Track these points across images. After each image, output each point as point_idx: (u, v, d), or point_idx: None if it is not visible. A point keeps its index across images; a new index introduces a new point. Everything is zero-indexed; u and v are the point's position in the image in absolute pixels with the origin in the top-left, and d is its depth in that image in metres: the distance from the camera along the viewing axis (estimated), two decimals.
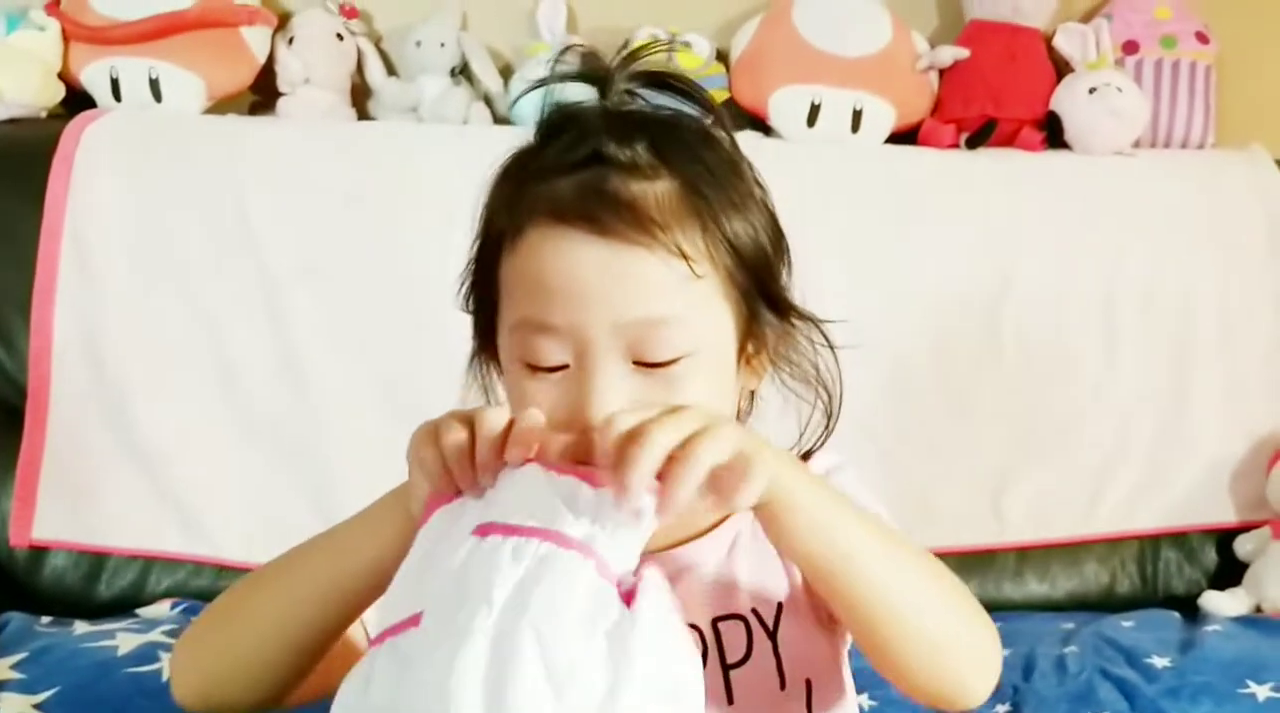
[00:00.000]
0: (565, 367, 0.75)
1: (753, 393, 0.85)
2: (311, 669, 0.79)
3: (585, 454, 0.70)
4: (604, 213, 0.73)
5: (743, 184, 0.80)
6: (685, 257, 0.74)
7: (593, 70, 0.81)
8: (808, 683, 0.82)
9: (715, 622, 0.81)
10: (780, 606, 0.82)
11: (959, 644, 0.76)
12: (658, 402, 0.71)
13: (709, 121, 0.82)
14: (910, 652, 0.74)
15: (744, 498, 0.67)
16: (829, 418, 0.86)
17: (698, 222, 0.75)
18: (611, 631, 0.62)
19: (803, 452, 0.87)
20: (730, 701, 0.80)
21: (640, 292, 0.73)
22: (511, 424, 0.69)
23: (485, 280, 0.80)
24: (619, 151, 0.75)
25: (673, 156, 0.76)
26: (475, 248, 0.81)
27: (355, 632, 0.82)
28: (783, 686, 0.81)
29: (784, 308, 0.81)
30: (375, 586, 0.74)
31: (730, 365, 0.79)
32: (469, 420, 0.70)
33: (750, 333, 0.80)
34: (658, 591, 0.65)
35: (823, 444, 0.86)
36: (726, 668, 0.80)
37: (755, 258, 0.78)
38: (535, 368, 0.75)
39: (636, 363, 0.74)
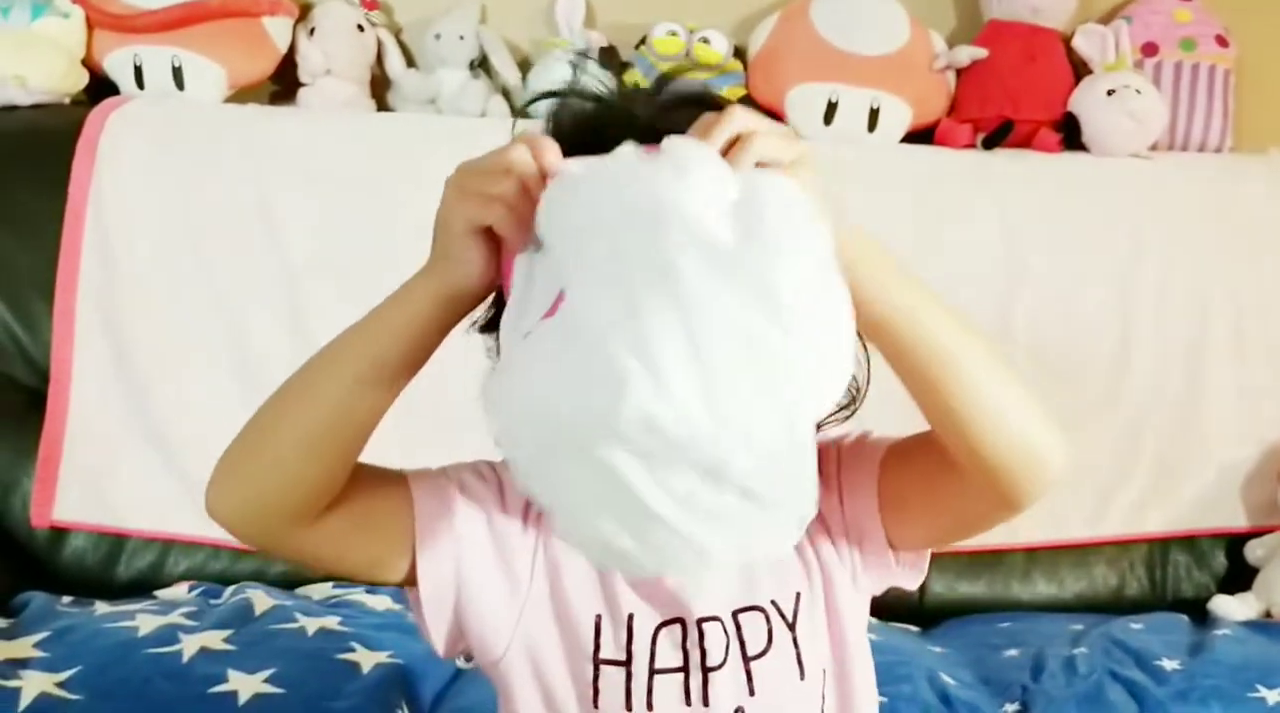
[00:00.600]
0: None
1: None
2: (346, 472, 0.76)
3: None
4: None
5: None
6: None
7: (613, 107, 0.80)
8: (824, 673, 0.84)
9: (736, 614, 0.82)
10: (799, 596, 0.83)
11: (1026, 401, 0.74)
12: None
13: None
14: (982, 406, 0.72)
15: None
16: (853, 401, 0.82)
17: None
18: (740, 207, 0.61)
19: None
20: (752, 692, 0.82)
21: None
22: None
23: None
24: None
25: None
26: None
27: (389, 494, 0.81)
28: (802, 676, 0.83)
29: None
30: (412, 362, 0.74)
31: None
32: (505, 167, 0.68)
33: None
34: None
35: (840, 422, 0.85)
36: (748, 659, 0.82)
37: None
38: None
39: None
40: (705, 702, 0.81)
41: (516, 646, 0.82)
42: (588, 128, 0.78)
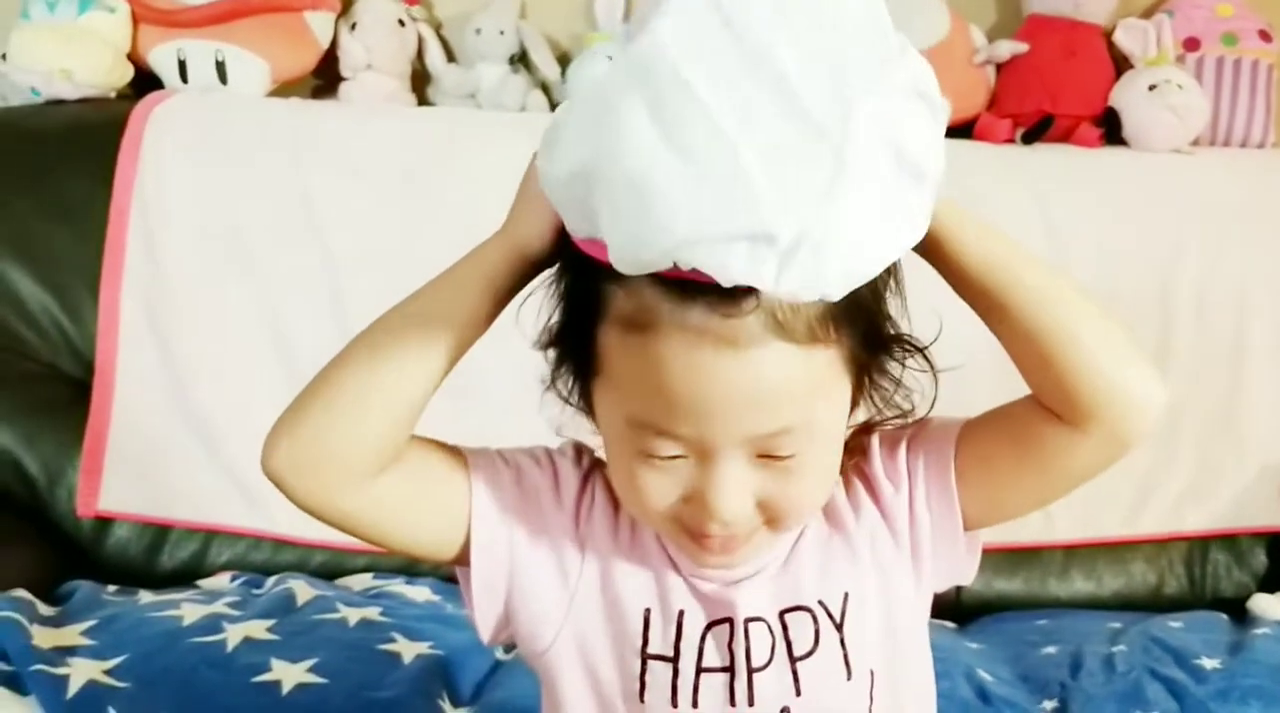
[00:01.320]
0: (683, 456, 0.73)
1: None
2: (409, 430, 0.77)
3: (702, 529, 0.75)
4: (735, 327, 0.68)
5: None
6: (817, 346, 0.70)
7: None
8: (871, 674, 0.83)
9: (782, 614, 0.82)
10: (846, 596, 0.83)
11: (1123, 337, 0.76)
12: (777, 491, 0.74)
13: None
14: (1083, 343, 0.74)
15: None
16: (913, 410, 0.83)
17: (825, 321, 0.70)
18: None
19: (863, 425, 0.84)
20: (798, 692, 0.81)
21: (773, 405, 0.70)
22: None
23: (579, 337, 0.75)
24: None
25: None
26: (570, 301, 0.76)
27: (447, 473, 0.81)
28: (849, 676, 0.82)
29: (890, 345, 0.79)
30: (478, 318, 0.77)
31: (843, 427, 0.78)
32: None
33: (861, 384, 0.78)
34: None
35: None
36: (794, 660, 0.82)
37: (870, 316, 0.74)
38: (650, 455, 0.74)
39: (759, 455, 0.73)
40: (750, 702, 0.81)
41: (565, 636, 0.82)
42: None
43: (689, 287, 0.67)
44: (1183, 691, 1.42)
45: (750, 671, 0.81)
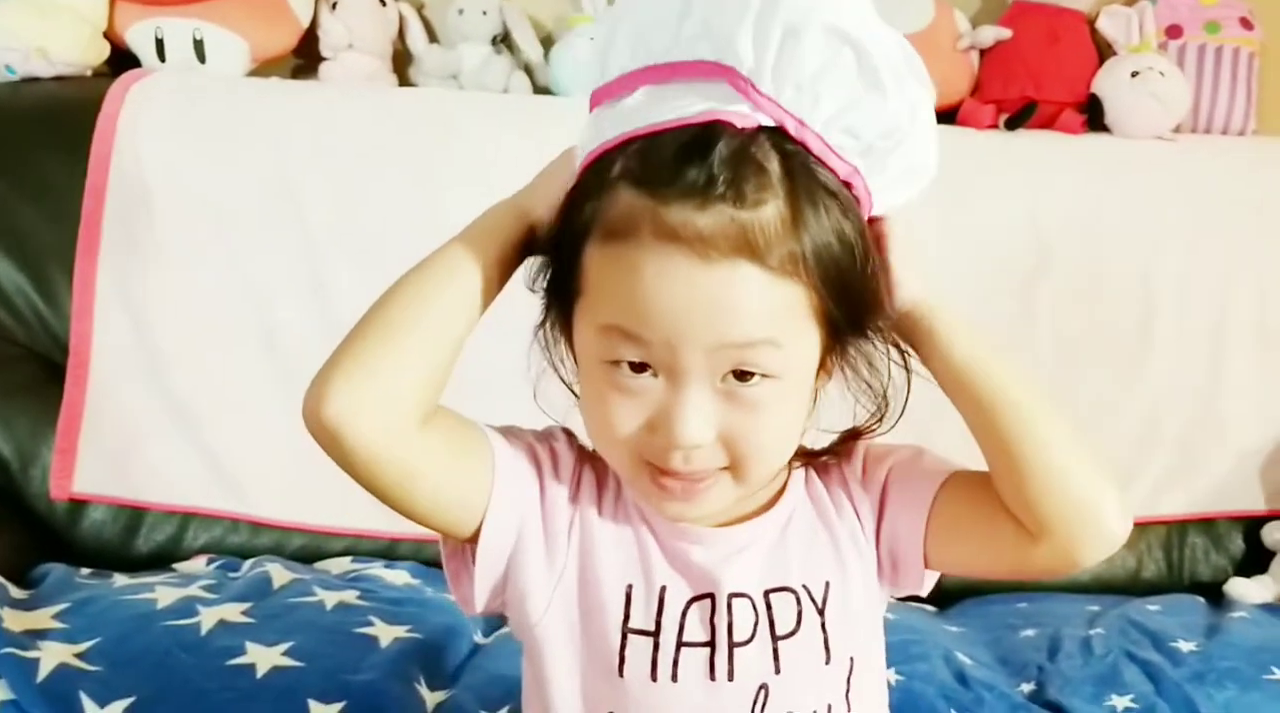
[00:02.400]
0: (652, 372, 0.75)
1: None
2: (451, 371, 0.78)
3: (664, 460, 0.76)
4: (714, 236, 0.71)
5: (839, 209, 0.76)
6: (787, 279, 0.73)
7: None
8: (851, 660, 0.85)
9: (767, 593, 0.83)
10: (828, 584, 0.84)
11: (1090, 461, 0.78)
12: (740, 424, 0.75)
13: None
14: (1048, 460, 0.77)
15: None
16: (886, 408, 0.84)
17: (797, 253, 0.73)
18: None
19: (850, 431, 0.87)
20: (777, 670, 0.82)
21: (740, 317, 0.72)
22: None
23: (565, 268, 0.79)
24: (734, 177, 0.72)
25: (782, 182, 0.73)
26: (556, 234, 0.80)
27: (473, 448, 0.81)
28: (828, 660, 0.83)
29: (871, 322, 0.80)
30: (496, 272, 0.80)
31: (810, 384, 0.79)
32: None
33: (830, 347, 0.79)
34: None
35: (883, 434, 0.87)
36: (776, 638, 0.82)
37: (845, 276, 0.76)
38: (619, 368, 0.76)
39: (725, 379, 0.75)
40: (730, 677, 0.82)
41: (554, 609, 0.82)
42: None
43: (669, 191, 0.72)
44: (1159, 673, 1.43)
45: (731, 645, 0.82)
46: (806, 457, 0.88)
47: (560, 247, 0.79)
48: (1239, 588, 1.75)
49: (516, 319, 0.83)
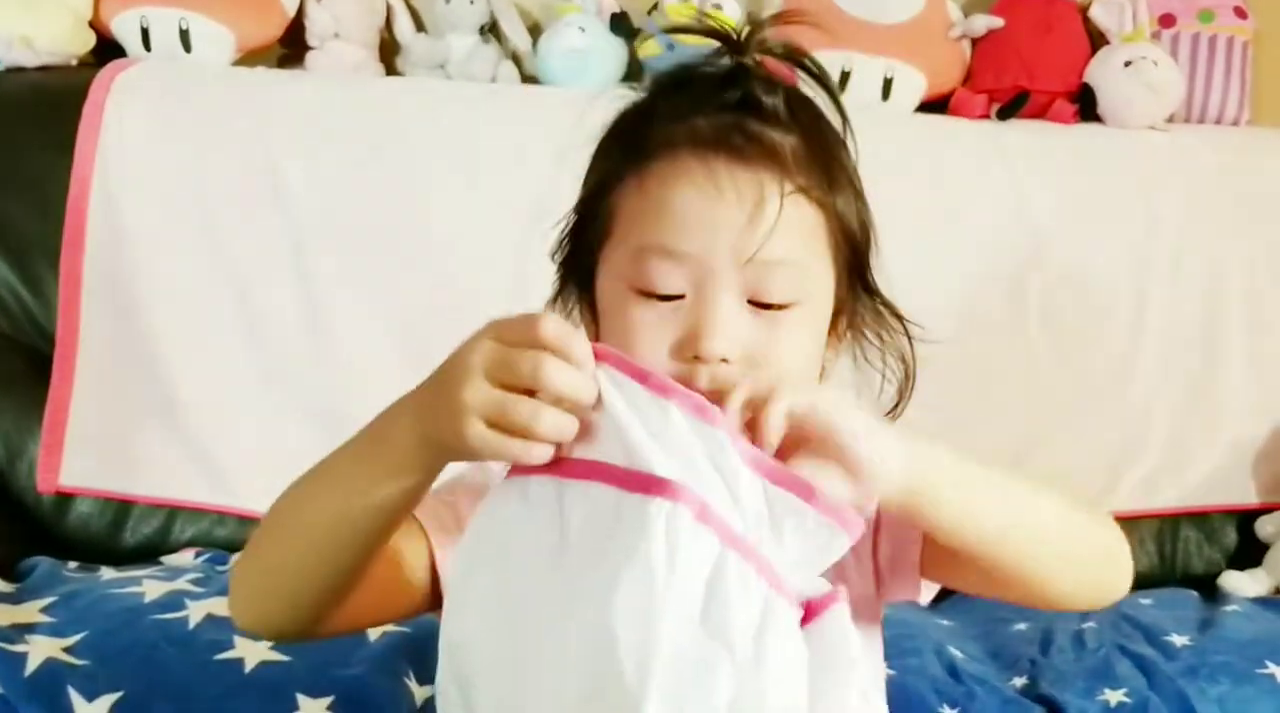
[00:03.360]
0: (679, 297, 0.76)
1: (823, 369, 0.86)
2: (351, 591, 0.77)
3: (688, 381, 0.74)
4: (747, 146, 0.76)
5: (849, 164, 0.83)
6: (816, 207, 0.78)
7: (725, 33, 0.83)
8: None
9: None
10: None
11: (1101, 558, 0.82)
12: (764, 344, 0.76)
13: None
14: (1064, 579, 0.79)
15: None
16: (899, 401, 0.88)
17: (819, 181, 0.78)
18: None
19: None
20: None
21: (769, 226, 0.75)
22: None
23: (590, 219, 0.81)
24: (766, 98, 0.78)
25: (804, 118, 0.80)
26: (583, 194, 0.83)
27: (403, 548, 0.81)
28: None
29: (872, 289, 0.85)
30: (397, 520, 0.74)
31: (825, 325, 0.82)
32: (528, 373, 0.65)
33: (841, 302, 0.83)
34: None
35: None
36: None
37: (855, 233, 0.81)
38: (649, 295, 0.77)
39: (751, 302, 0.76)
40: None
41: None
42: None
43: (707, 108, 0.78)
44: (1152, 667, 1.43)
45: None
46: None
47: (585, 198, 0.82)
48: (1232, 581, 1.75)
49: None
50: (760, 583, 0.65)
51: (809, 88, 0.83)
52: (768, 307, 0.76)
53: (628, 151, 0.79)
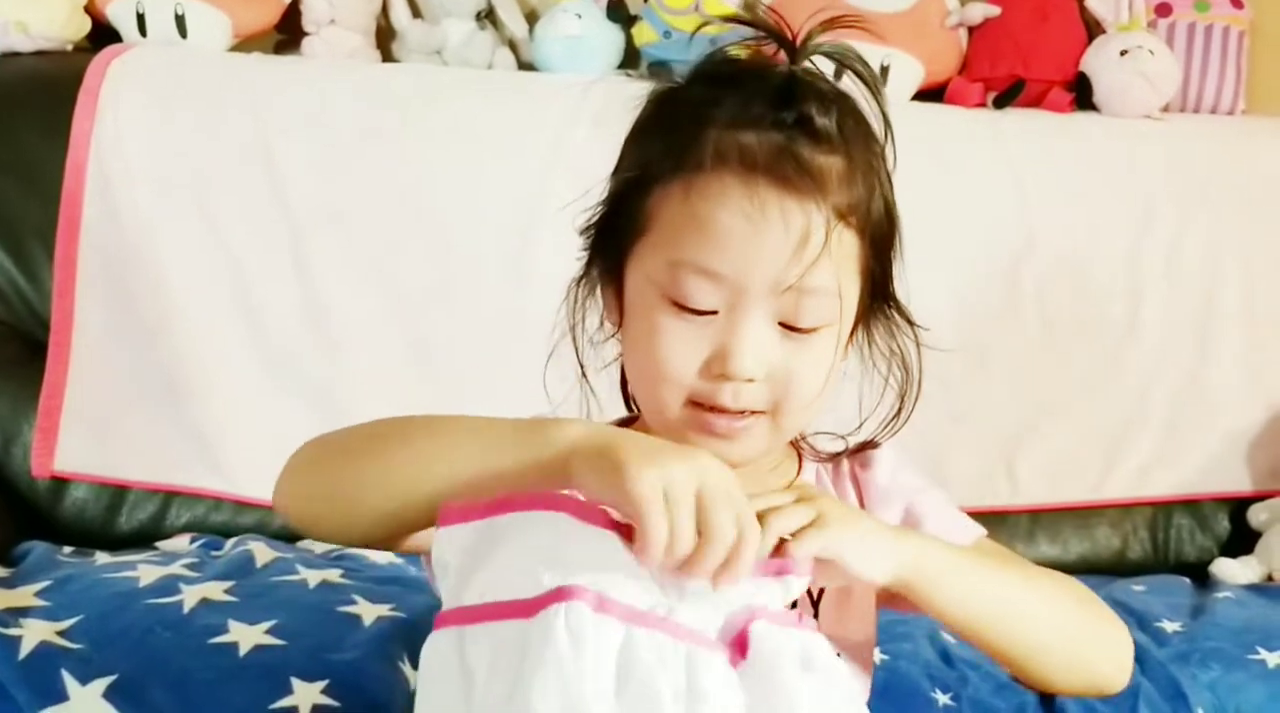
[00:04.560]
0: (711, 313, 0.77)
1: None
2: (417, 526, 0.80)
3: (713, 397, 0.77)
4: (796, 175, 0.76)
5: (885, 174, 0.83)
6: (855, 231, 0.79)
7: (783, 33, 0.83)
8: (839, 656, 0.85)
9: None
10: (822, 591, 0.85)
11: (1094, 649, 0.85)
12: (790, 363, 0.77)
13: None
14: (1054, 665, 0.83)
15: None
16: (901, 408, 0.89)
17: (859, 203, 0.79)
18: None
19: (867, 441, 0.89)
20: None
21: (811, 257, 0.76)
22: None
23: (627, 210, 0.81)
24: (819, 119, 0.78)
25: (851, 137, 0.79)
26: (619, 179, 0.83)
27: None
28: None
29: (890, 296, 0.86)
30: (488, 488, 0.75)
31: (844, 340, 0.83)
32: (726, 520, 0.68)
33: (860, 313, 0.84)
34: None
35: (895, 433, 0.88)
36: None
37: (886, 248, 0.83)
38: (681, 307, 0.77)
39: (781, 324, 0.77)
40: None
41: None
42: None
43: (760, 125, 0.77)
44: (1144, 653, 1.42)
45: None
46: (819, 455, 0.90)
47: (624, 184, 0.81)
48: (1224, 569, 1.75)
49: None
50: (679, 646, 0.67)
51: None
52: (797, 330, 0.78)
53: (674, 152, 0.78)
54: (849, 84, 0.84)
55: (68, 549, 1.55)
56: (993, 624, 0.79)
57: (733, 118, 0.77)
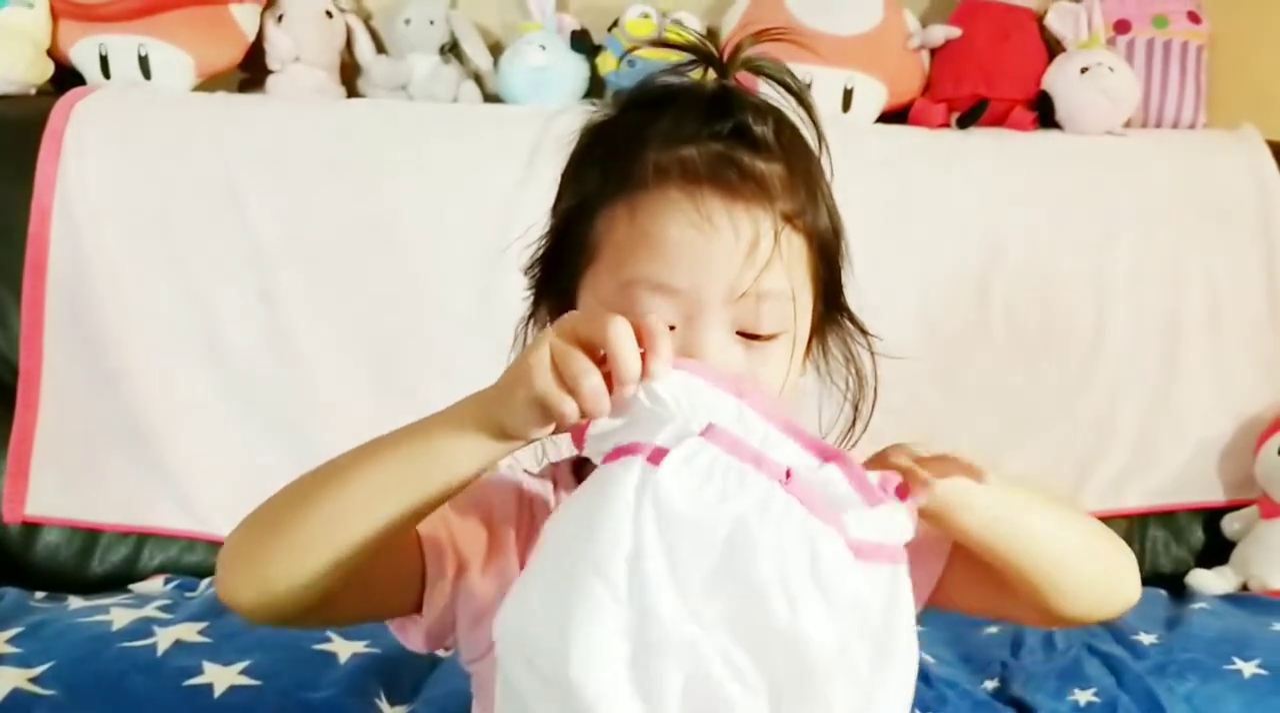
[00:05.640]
0: (670, 328, 0.75)
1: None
2: (369, 570, 0.74)
3: None
4: (739, 181, 0.76)
5: (824, 182, 0.83)
6: (802, 235, 0.78)
7: (709, 52, 0.83)
8: None
9: None
10: None
11: (1111, 566, 0.83)
12: (750, 373, 0.76)
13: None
14: (1078, 582, 0.80)
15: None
16: (855, 416, 0.88)
17: (802, 206, 0.78)
18: None
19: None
20: None
21: (762, 261, 0.75)
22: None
23: (571, 241, 0.80)
24: (756, 127, 0.78)
25: (789, 145, 0.80)
26: (561, 211, 0.82)
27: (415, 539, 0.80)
28: None
29: (843, 307, 0.85)
30: (448, 496, 0.72)
31: (802, 348, 0.82)
32: (587, 342, 0.67)
33: (815, 323, 0.83)
34: None
35: (854, 444, 0.88)
36: None
37: (832, 253, 0.82)
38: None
39: (739, 333, 0.77)
40: None
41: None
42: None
43: (696, 139, 0.76)
44: (1121, 666, 1.43)
45: None
46: None
47: (567, 214, 0.80)
48: (1200, 579, 1.76)
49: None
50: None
51: (771, 90, 0.83)
52: (755, 337, 0.77)
53: (614, 177, 0.78)
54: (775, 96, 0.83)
55: (40, 595, 1.54)
56: (1021, 544, 0.78)
57: (669, 135, 0.77)
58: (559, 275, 0.82)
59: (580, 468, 0.85)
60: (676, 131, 0.77)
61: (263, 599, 0.73)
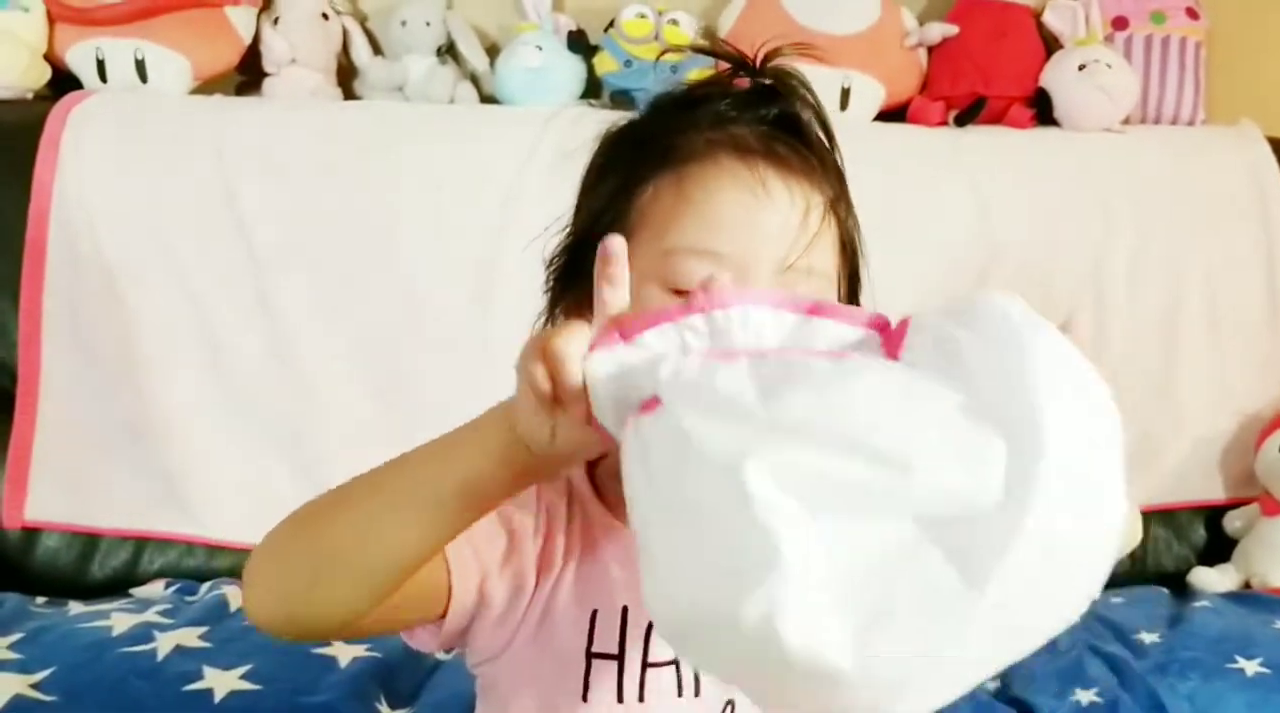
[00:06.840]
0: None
1: None
2: (396, 591, 0.69)
3: None
4: (791, 157, 0.77)
5: (848, 186, 0.84)
6: (838, 221, 0.79)
7: (745, 59, 0.83)
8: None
9: None
10: None
11: None
12: None
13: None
14: None
15: None
16: None
17: (839, 198, 0.80)
18: None
19: None
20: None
21: (807, 234, 0.76)
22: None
23: (606, 224, 0.76)
24: (803, 114, 0.80)
25: (829, 137, 0.82)
26: (596, 202, 0.81)
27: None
28: (697, 693, 0.81)
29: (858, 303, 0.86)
30: (473, 504, 0.67)
31: None
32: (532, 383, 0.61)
33: None
34: None
35: None
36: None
37: (854, 250, 0.83)
38: (680, 293, 0.73)
39: None
40: (697, 693, 0.80)
41: (517, 643, 0.80)
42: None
43: (747, 120, 0.78)
44: (1123, 666, 1.43)
45: None
46: None
47: (601, 198, 0.80)
48: (1202, 578, 1.76)
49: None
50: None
51: None
52: None
53: (656, 157, 0.78)
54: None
55: (41, 600, 1.54)
56: None
57: (718, 116, 0.78)
58: (585, 265, 0.75)
59: (594, 479, 0.84)
60: (723, 115, 0.78)
61: (293, 619, 0.70)
